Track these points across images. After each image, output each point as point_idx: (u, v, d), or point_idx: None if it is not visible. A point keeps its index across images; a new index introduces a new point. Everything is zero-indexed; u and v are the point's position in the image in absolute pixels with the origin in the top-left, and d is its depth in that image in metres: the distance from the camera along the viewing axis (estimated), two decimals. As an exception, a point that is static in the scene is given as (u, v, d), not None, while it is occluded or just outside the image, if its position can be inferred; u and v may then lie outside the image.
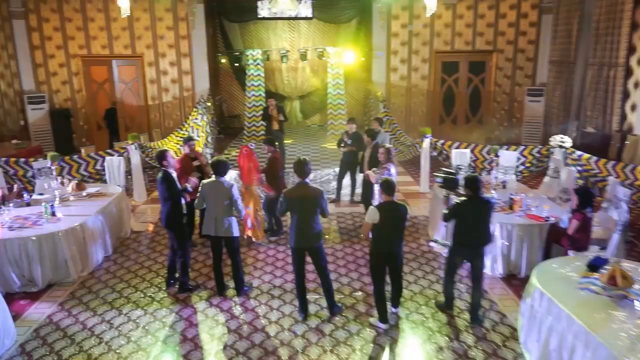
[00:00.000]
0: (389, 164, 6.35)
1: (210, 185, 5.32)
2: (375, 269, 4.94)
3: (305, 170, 4.95)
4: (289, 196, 4.92)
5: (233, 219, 5.37)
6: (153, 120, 13.66)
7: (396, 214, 4.78)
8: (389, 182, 4.81)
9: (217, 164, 5.35)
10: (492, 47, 13.67)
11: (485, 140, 14.06)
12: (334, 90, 13.49)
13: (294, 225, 4.92)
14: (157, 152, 5.74)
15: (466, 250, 4.92)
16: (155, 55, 13.30)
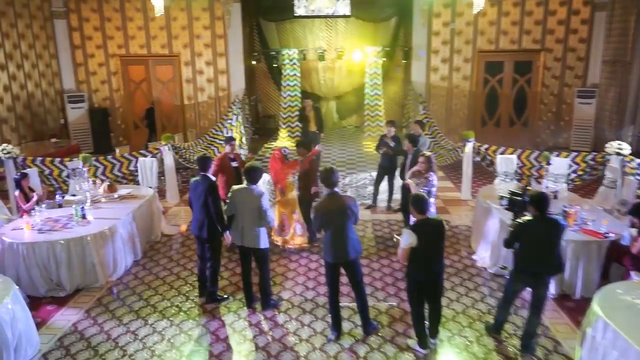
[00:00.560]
0: (430, 173, 5.92)
1: (240, 192, 5.05)
2: (413, 294, 4.53)
3: (333, 179, 4.62)
4: (321, 210, 4.60)
5: (262, 229, 5.07)
6: (188, 120, 13.62)
7: (433, 233, 4.35)
8: (418, 199, 4.37)
9: (250, 170, 5.05)
10: (539, 46, 12.95)
11: (531, 145, 13.41)
12: (372, 90, 13.08)
13: (329, 238, 4.59)
14: (200, 157, 5.42)
15: (529, 278, 4.42)
16: (191, 55, 13.24)
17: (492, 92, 13.45)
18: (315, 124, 10.35)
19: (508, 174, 8.35)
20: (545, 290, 4.43)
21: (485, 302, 5.40)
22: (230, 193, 5.08)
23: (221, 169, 6.43)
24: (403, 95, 15.07)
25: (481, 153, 9.01)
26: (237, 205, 5.03)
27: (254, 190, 4.99)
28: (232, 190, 5.09)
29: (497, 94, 13.45)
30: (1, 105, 10.87)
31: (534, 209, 4.38)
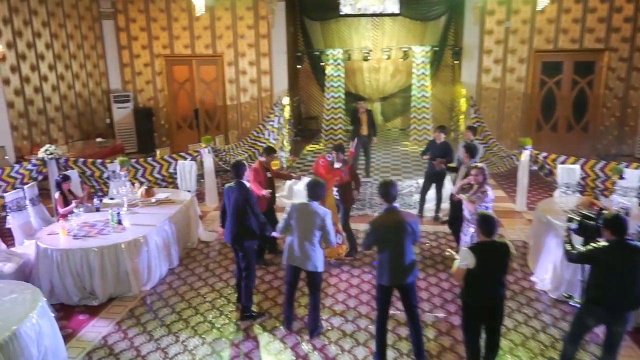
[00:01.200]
0: (486, 186, 5.37)
1: (300, 209, 4.62)
2: (468, 323, 4.04)
3: (392, 193, 4.19)
4: (377, 226, 4.17)
5: (320, 251, 4.69)
6: (230, 121, 13.48)
7: (497, 258, 3.87)
8: (488, 220, 3.87)
9: (314, 185, 4.65)
10: (603, 45, 12.01)
11: (590, 152, 12.49)
12: (419, 92, 12.52)
13: (385, 259, 4.19)
14: (234, 163, 5.21)
15: (604, 313, 3.84)
16: (235, 55, 13.09)
17: (549, 94, 12.61)
18: (368, 128, 9.91)
19: (570, 186, 7.65)
20: (623, 327, 3.85)
21: (548, 333, 4.83)
22: (289, 208, 4.70)
23: (256, 179, 6.08)
24: (452, 98, 14.40)
25: (539, 161, 8.32)
26: (296, 223, 4.65)
27: (318, 209, 4.59)
28: (292, 205, 4.71)
29: (555, 97, 12.59)
30: (49, 104, 11.03)
31: (609, 233, 3.81)
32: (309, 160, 11.16)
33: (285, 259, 4.75)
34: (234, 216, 5.01)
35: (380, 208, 7.68)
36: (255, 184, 6.03)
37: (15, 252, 5.77)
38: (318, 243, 4.64)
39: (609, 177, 7.79)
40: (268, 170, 6.40)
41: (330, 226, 4.64)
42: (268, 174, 6.35)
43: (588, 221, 4.49)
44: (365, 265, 6.36)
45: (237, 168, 5.08)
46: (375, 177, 9.56)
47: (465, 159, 6.35)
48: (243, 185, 5.00)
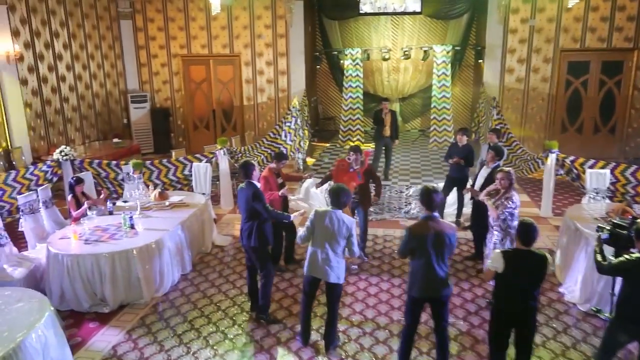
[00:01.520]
0: (512, 191, 5.10)
1: (324, 217, 4.39)
2: (496, 332, 3.85)
3: (436, 201, 3.96)
4: (416, 233, 3.95)
5: (343, 262, 4.48)
6: (247, 121, 13.35)
7: (530, 268, 3.64)
8: (527, 228, 3.66)
9: (338, 192, 4.41)
10: (632, 45, 11.54)
11: (618, 154, 12.04)
12: (439, 92, 12.21)
13: (418, 269, 3.98)
14: (243, 164, 5.13)
15: (636, 328, 3.58)
16: (252, 55, 12.95)
17: (575, 95, 12.19)
18: (390, 129, 9.66)
19: (599, 191, 7.30)
20: (660, 345, 3.57)
21: (579, 349, 4.55)
22: (313, 216, 4.49)
23: (267, 186, 5.88)
24: (474, 98, 14.04)
25: (566, 165, 7.97)
26: (319, 233, 4.42)
27: (343, 217, 4.39)
28: (315, 213, 4.49)
29: (581, 98, 12.16)
30: (67, 105, 11.03)
31: None
32: (326, 163, 10.94)
33: (306, 269, 4.53)
34: (245, 216, 4.98)
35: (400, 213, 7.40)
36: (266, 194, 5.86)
37: (27, 257, 5.69)
38: (342, 253, 4.45)
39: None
40: (279, 175, 6.19)
41: (355, 236, 4.47)
42: (279, 179, 6.15)
43: (620, 230, 4.20)
44: (384, 273, 6.13)
45: (245, 168, 5.01)
46: (394, 179, 9.31)
47: (490, 160, 6.10)
48: (252, 184, 4.94)
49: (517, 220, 5.17)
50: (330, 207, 4.43)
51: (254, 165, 5.04)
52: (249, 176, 4.97)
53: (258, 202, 4.85)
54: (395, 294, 5.63)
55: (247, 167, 5.01)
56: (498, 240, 5.19)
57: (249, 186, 4.93)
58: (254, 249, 4.98)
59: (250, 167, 4.99)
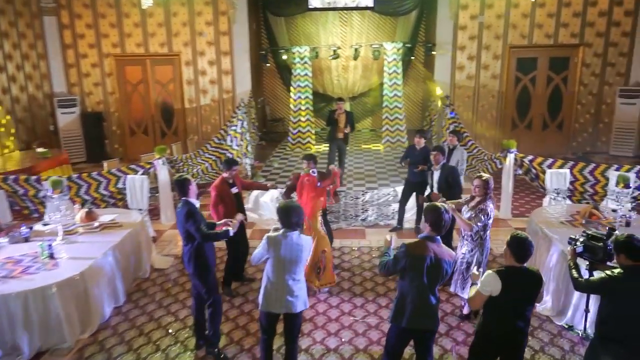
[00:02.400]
0: (488, 201, 4.68)
1: (278, 246, 3.79)
2: (479, 356, 3.42)
3: (446, 222, 3.48)
4: (413, 253, 3.44)
5: (303, 287, 3.94)
6: (190, 125, 12.47)
7: (525, 288, 3.30)
8: (522, 243, 3.28)
9: (288, 211, 3.83)
10: (578, 41, 11.63)
11: (566, 150, 12.15)
12: (391, 91, 11.83)
13: (408, 295, 3.48)
14: (176, 180, 4.54)
15: (622, 349, 3.22)
16: (193, 54, 12.09)
17: (524, 91, 12.18)
18: (343, 131, 9.14)
19: (560, 192, 7.09)
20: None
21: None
22: (266, 241, 3.84)
23: (221, 198, 5.30)
24: (424, 97, 13.82)
25: (525, 165, 7.75)
26: (272, 261, 3.83)
27: (300, 241, 3.82)
28: (268, 240, 3.85)
29: (530, 94, 12.16)
30: (-20, 112, 9.79)
31: (623, 257, 3.27)
32: (276, 169, 10.29)
33: (262, 304, 3.89)
34: (185, 240, 4.38)
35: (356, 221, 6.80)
36: (215, 209, 5.20)
37: None
38: (301, 278, 3.92)
39: (599, 181, 7.30)
40: (233, 185, 5.53)
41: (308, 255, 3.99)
42: (234, 189, 5.49)
43: (595, 242, 3.85)
44: (344, 292, 5.59)
45: (180, 185, 4.44)
46: (348, 185, 8.80)
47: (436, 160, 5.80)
48: (188, 203, 4.34)
49: (490, 229, 4.78)
50: (283, 231, 3.83)
51: (189, 180, 4.45)
52: (185, 193, 4.40)
53: (190, 223, 4.24)
54: (358, 317, 5.10)
55: (181, 183, 4.44)
56: (467, 251, 4.77)
57: (184, 205, 4.33)
58: (195, 276, 4.39)
59: (184, 184, 4.41)
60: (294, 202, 3.99)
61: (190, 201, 4.37)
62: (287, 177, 9.61)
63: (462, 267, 4.79)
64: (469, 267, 4.73)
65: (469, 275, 3.69)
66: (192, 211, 4.27)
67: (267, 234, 3.93)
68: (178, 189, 4.46)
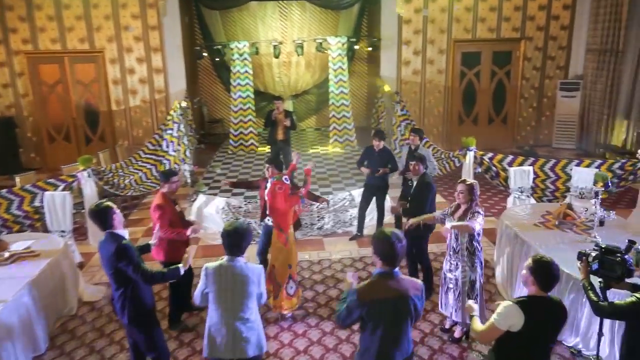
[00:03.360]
0: (477, 207, 4.17)
1: (220, 274, 3.14)
2: None
3: (399, 252, 2.77)
4: (368, 299, 2.73)
5: (260, 323, 3.28)
6: (118, 129, 11.29)
7: (550, 321, 2.78)
8: (548, 268, 2.76)
9: (233, 234, 3.15)
10: (519, 35, 11.64)
11: (511, 143, 12.18)
12: (337, 88, 11.29)
13: (371, 346, 2.79)
14: (92, 211, 3.53)
15: None
16: (118, 50, 10.92)
17: (470, 86, 12.07)
18: (284, 132, 8.46)
19: (524, 190, 6.82)
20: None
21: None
22: (204, 274, 3.15)
23: (167, 220, 4.42)
24: (369, 93, 13.42)
25: (485, 163, 7.45)
26: (217, 295, 3.13)
27: (246, 270, 3.16)
28: (206, 270, 3.16)
29: (475, 89, 12.06)
30: None
31: None
32: (219, 174, 9.44)
33: (207, 349, 3.19)
34: (116, 285, 3.47)
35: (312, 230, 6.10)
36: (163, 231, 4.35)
37: None
38: (256, 314, 3.24)
39: (560, 177, 7.13)
40: (176, 202, 4.71)
41: (264, 288, 3.29)
42: (177, 207, 4.67)
43: (612, 257, 3.42)
44: (310, 317, 4.94)
45: (98, 216, 3.46)
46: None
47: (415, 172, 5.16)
48: (115, 237, 3.42)
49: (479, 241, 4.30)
50: (226, 259, 3.15)
51: (111, 208, 3.49)
52: (107, 225, 3.45)
53: (125, 263, 3.35)
54: (329, 346, 4.47)
55: (100, 214, 3.45)
56: (455, 267, 4.26)
57: (110, 240, 3.41)
58: (134, 327, 3.54)
59: (105, 214, 3.45)
60: (242, 223, 3.25)
61: (118, 234, 3.46)
62: (231, 183, 8.80)
63: (452, 285, 4.28)
64: (473, 286, 4.23)
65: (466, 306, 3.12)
66: (124, 247, 3.36)
67: (205, 264, 3.22)
68: (97, 220, 3.48)
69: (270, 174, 5.14)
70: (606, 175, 5.26)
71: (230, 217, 7.34)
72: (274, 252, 4.86)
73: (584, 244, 4.84)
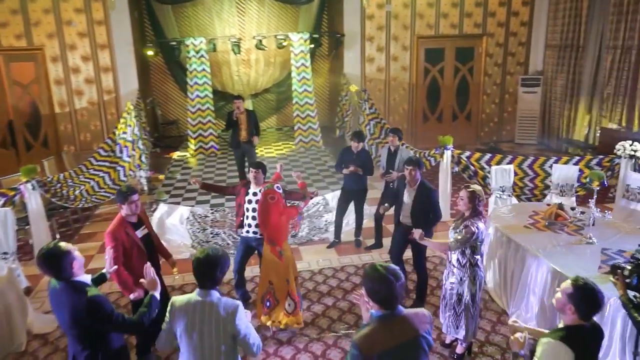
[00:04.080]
0: (475, 218, 3.83)
1: (189, 311, 2.61)
2: None
3: (399, 293, 2.31)
4: (371, 351, 2.24)
5: None
6: (63, 134, 10.35)
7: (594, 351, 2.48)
8: (593, 295, 2.40)
9: (205, 263, 2.62)
10: (481, 31, 11.60)
11: (475, 140, 12.16)
12: (300, 86, 10.82)
13: None
14: (44, 255, 2.72)
15: None
16: (61, 47, 10.00)
17: (433, 83, 11.92)
18: (247, 132, 7.93)
19: (505, 189, 6.63)
20: None
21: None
22: (169, 311, 2.63)
23: (120, 250, 3.72)
24: (331, 91, 13.03)
25: (462, 162, 7.21)
26: (186, 336, 2.59)
27: (220, 306, 2.60)
28: (172, 307, 2.63)
29: (439, 85, 11.93)
30: None
31: None
32: (179, 181, 8.77)
33: None
34: (80, 344, 2.76)
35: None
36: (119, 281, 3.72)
37: None
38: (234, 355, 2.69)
39: (538, 175, 6.99)
40: (141, 223, 4.04)
41: (248, 328, 2.67)
42: (141, 231, 3.99)
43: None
44: (298, 339, 4.48)
45: (50, 263, 2.69)
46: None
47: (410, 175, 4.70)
48: (76, 287, 2.71)
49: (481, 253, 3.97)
50: (198, 292, 2.65)
51: (67, 253, 2.71)
52: (65, 274, 2.70)
53: (101, 321, 2.70)
54: (323, 372, 4.03)
55: (54, 258, 2.68)
56: (457, 281, 3.92)
57: (71, 291, 2.70)
58: None
59: (59, 259, 2.67)
60: (216, 250, 2.71)
61: (80, 282, 2.74)
62: (194, 190, 8.19)
63: (453, 300, 3.93)
64: (460, 299, 3.89)
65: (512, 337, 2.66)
66: (97, 302, 2.67)
67: (172, 298, 2.71)
68: (50, 269, 2.71)
69: (256, 180, 4.65)
70: (602, 174, 5.08)
71: (197, 228, 6.76)
72: (266, 268, 4.36)
73: (581, 245, 4.67)
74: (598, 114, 10.12)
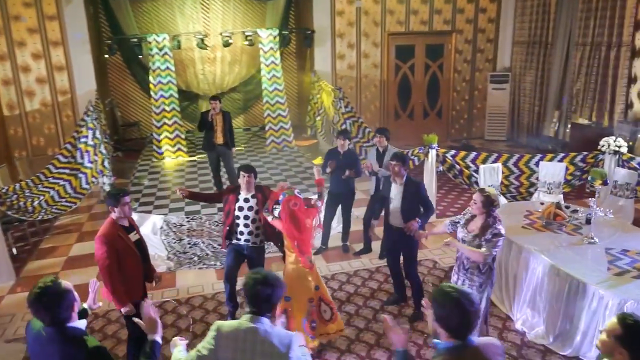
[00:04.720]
0: (498, 221, 3.58)
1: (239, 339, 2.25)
2: None
3: (472, 319, 2.02)
4: None
5: None
6: (14, 139, 9.52)
7: None
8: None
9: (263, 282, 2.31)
10: (451, 27, 11.55)
11: (446, 137, 12.11)
12: (270, 85, 10.41)
13: None
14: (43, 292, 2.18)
15: None
16: (8, 44, 9.17)
17: (404, 80, 11.77)
18: (223, 135, 7.48)
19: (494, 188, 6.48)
20: None
21: None
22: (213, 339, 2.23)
23: (116, 255, 3.36)
24: (299, 89, 12.68)
25: (448, 161, 7.04)
26: None
27: (274, 337, 2.25)
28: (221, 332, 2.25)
29: (410, 82, 11.80)
30: None
31: None
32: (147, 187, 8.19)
33: None
34: None
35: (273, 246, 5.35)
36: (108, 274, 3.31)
37: None
38: None
39: (523, 172, 6.91)
40: (132, 228, 3.62)
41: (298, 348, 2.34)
42: (134, 235, 3.58)
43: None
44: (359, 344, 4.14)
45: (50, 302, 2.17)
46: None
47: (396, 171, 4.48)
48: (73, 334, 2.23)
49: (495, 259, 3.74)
50: (247, 317, 2.30)
51: (68, 291, 2.23)
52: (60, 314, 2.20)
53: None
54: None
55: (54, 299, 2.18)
56: (476, 287, 3.67)
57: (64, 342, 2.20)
58: None
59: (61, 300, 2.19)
60: (272, 273, 2.38)
61: (75, 330, 2.25)
62: (163, 197, 7.66)
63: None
64: None
65: None
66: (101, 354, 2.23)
67: (217, 322, 2.33)
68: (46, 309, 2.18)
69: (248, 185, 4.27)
70: (605, 172, 4.99)
71: (172, 238, 6.27)
72: (295, 284, 3.94)
73: (583, 245, 4.55)
74: (567, 109, 10.24)
